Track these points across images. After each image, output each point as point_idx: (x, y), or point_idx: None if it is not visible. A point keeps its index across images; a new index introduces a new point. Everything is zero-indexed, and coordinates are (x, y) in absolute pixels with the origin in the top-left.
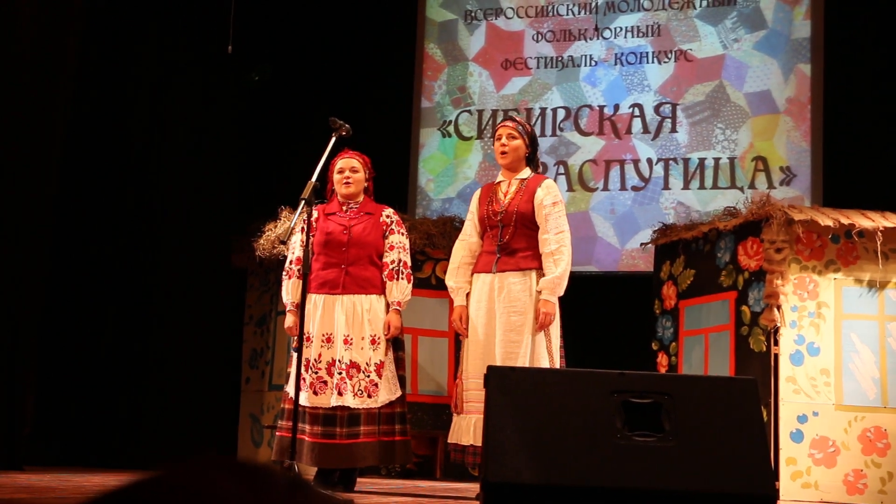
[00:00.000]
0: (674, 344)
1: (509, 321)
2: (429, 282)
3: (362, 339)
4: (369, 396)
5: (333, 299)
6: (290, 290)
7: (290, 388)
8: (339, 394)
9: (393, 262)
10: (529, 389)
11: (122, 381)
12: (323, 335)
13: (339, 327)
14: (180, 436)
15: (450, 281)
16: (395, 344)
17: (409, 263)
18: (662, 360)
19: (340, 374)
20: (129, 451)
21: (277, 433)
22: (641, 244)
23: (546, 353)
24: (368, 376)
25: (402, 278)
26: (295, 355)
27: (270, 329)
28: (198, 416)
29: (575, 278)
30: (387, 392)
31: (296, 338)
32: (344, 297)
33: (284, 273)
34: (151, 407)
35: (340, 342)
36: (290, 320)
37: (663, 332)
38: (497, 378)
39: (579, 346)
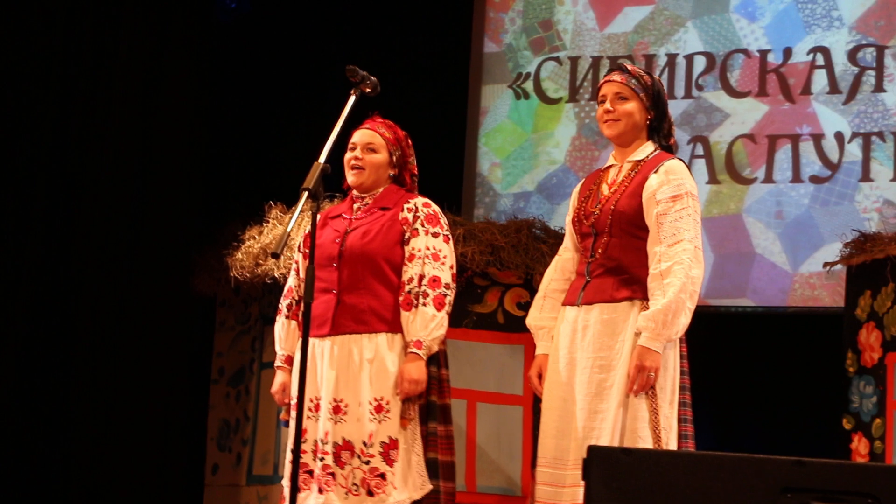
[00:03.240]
0: (878, 420)
1: (592, 380)
2: (493, 320)
3: (360, 405)
4: (370, 494)
5: (321, 345)
6: (279, 337)
7: (286, 482)
8: (321, 490)
9: (411, 279)
10: (653, 483)
11: (36, 463)
12: (310, 401)
13: (327, 389)
14: None
15: (531, 317)
16: (429, 411)
17: (447, 281)
18: (860, 443)
19: (323, 459)
20: None
21: None
22: (825, 265)
23: (648, 427)
24: (368, 462)
25: (426, 304)
26: (289, 432)
27: (251, 391)
28: None
29: (717, 317)
30: (405, 486)
31: (286, 407)
32: (334, 340)
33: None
34: None
35: (327, 411)
36: (277, 381)
37: (861, 401)
38: (602, 465)
39: (726, 420)
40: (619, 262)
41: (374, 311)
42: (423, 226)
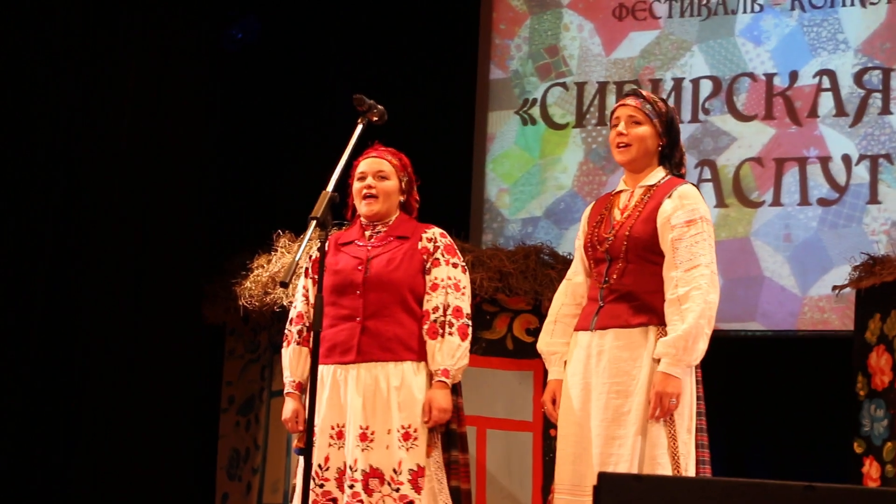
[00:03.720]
0: (889, 444)
1: (609, 405)
2: (503, 346)
3: (388, 432)
4: None
5: (345, 372)
6: (286, 363)
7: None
8: None
9: (436, 308)
10: None
11: (45, 495)
12: (332, 428)
13: (353, 415)
14: None
15: (542, 342)
16: (448, 439)
17: (468, 311)
18: (871, 467)
19: (353, 486)
20: None
21: None
22: (834, 288)
23: (667, 454)
24: (398, 490)
25: (452, 333)
26: (301, 461)
27: (261, 419)
28: None
29: (727, 341)
30: None
31: (299, 434)
32: (360, 367)
33: (283, 338)
34: None
35: (354, 438)
36: (289, 408)
37: (872, 424)
38: (613, 492)
39: (736, 444)
40: (633, 288)
41: (399, 339)
42: (443, 256)
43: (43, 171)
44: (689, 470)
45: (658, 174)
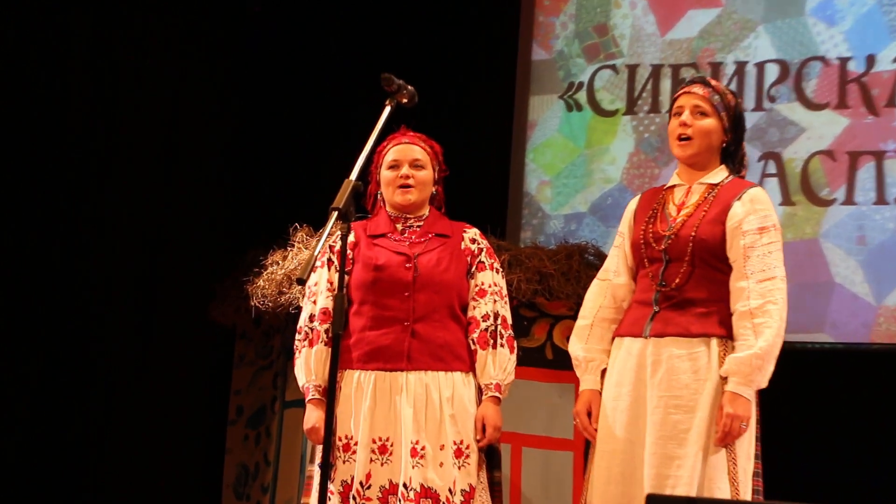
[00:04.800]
0: None
1: (667, 421)
2: (541, 355)
3: (441, 448)
4: None
5: (392, 380)
6: (312, 366)
7: None
8: None
9: (486, 316)
10: None
11: None
12: (374, 442)
13: (405, 428)
14: None
15: (576, 347)
16: (490, 457)
17: (511, 321)
18: None
19: None
20: None
21: None
22: None
23: (726, 477)
24: None
25: (503, 345)
26: (318, 473)
27: (272, 432)
28: None
29: (792, 354)
30: None
31: (322, 446)
32: (410, 376)
33: (302, 337)
34: None
35: (405, 453)
36: (313, 416)
37: None
38: None
39: (802, 465)
40: (695, 294)
41: (449, 347)
42: (487, 259)
43: (52, 167)
44: (747, 496)
45: (721, 173)
